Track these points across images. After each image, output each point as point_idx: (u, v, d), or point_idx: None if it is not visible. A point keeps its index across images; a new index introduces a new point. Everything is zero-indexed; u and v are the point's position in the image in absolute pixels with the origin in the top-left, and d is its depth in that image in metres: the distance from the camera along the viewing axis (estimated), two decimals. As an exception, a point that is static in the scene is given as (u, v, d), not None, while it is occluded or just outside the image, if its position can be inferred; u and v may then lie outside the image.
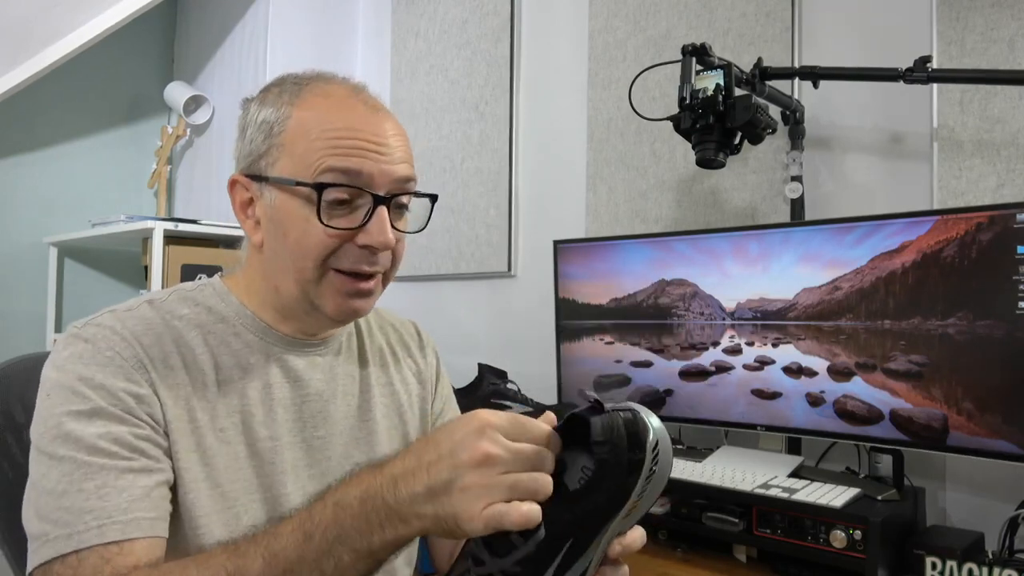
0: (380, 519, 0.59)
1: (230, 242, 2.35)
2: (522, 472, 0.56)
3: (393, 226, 0.78)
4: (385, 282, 0.83)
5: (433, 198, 0.86)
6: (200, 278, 0.87)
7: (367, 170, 0.75)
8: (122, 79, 2.76)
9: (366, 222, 0.76)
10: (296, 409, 0.82)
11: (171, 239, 2.19)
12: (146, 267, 2.27)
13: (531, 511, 0.55)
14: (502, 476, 0.56)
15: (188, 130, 2.68)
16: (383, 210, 0.77)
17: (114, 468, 0.67)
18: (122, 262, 2.70)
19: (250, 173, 0.80)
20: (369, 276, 0.79)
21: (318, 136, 0.76)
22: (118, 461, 0.67)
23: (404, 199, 0.81)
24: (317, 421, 0.83)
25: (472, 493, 0.56)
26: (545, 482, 0.57)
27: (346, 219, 0.76)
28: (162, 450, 0.71)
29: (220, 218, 2.31)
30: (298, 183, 0.75)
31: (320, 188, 0.74)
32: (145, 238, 2.26)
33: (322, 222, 0.75)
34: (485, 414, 0.58)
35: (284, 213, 0.77)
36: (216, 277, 0.86)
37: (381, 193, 0.77)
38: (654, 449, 0.59)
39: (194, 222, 2.25)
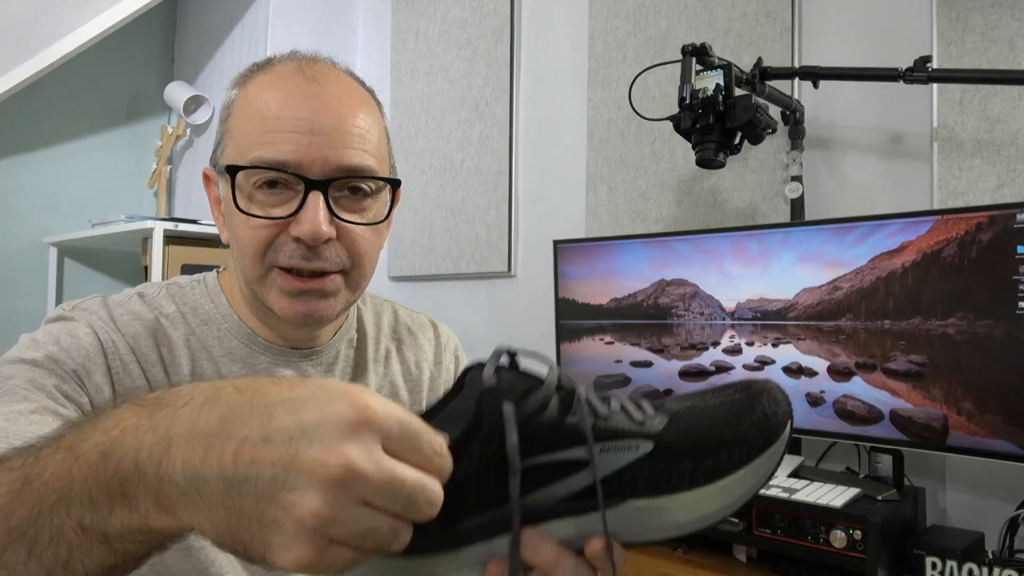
0: (122, 489, 0.37)
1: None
2: (384, 515, 0.36)
3: (340, 217, 0.69)
4: (350, 284, 0.72)
5: (394, 183, 0.74)
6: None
7: (295, 158, 0.66)
8: (122, 79, 2.76)
9: (298, 210, 0.67)
10: None
11: (171, 239, 2.19)
12: (146, 267, 2.27)
13: (359, 564, 0.37)
14: (358, 511, 0.35)
15: (188, 130, 2.68)
16: (316, 196, 0.66)
17: (11, 395, 0.61)
18: (122, 262, 2.70)
19: (212, 164, 0.75)
20: (319, 274, 0.69)
21: (251, 118, 0.69)
22: (27, 393, 0.62)
23: (365, 186, 0.70)
24: None
25: (304, 521, 0.34)
26: (402, 538, 0.37)
27: (281, 207, 0.67)
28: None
29: (220, 218, 2.31)
30: (225, 168, 0.68)
31: (233, 172, 0.67)
32: (145, 238, 2.26)
33: (239, 208, 0.67)
34: (369, 398, 0.36)
35: (228, 204, 0.70)
36: (213, 273, 0.82)
37: (315, 178, 0.67)
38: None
39: (194, 222, 2.25)
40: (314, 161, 0.67)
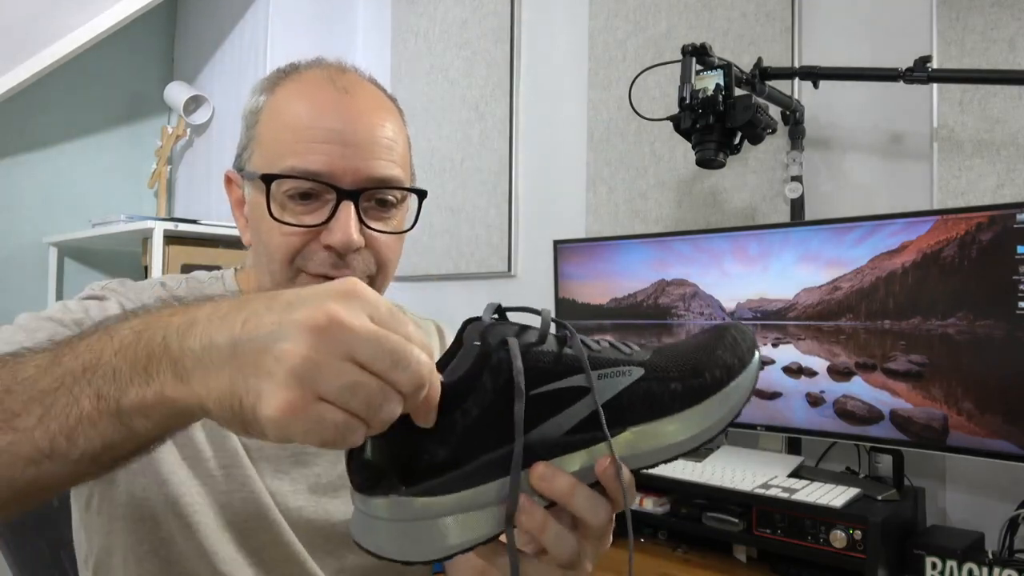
0: (147, 362, 0.41)
1: (230, 242, 2.35)
2: (371, 375, 0.38)
3: (369, 226, 0.71)
4: (375, 287, 0.74)
5: (421, 194, 0.76)
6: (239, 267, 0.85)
7: (328, 168, 0.68)
8: (122, 79, 2.76)
9: (329, 219, 0.69)
10: None
11: (171, 239, 2.19)
12: (146, 267, 2.27)
13: (347, 437, 0.38)
14: (342, 364, 0.37)
15: (188, 130, 2.68)
16: (348, 206, 0.69)
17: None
18: (122, 262, 2.70)
19: (237, 167, 0.77)
20: None
21: (283, 127, 0.71)
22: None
23: (391, 196, 0.73)
24: None
25: (293, 366, 0.37)
26: (391, 406, 0.38)
27: (312, 216, 0.69)
28: None
29: (220, 218, 2.31)
30: (260, 176, 0.70)
31: (268, 180, 0.68)
32: (145, 238, 2.26)
33: (272, 216, 0.69)
34: (360, 284, 0.40)
35: (256, 209, 0.72)
36: (231, 271, 0.83)
37: (347, 188, 0.69)
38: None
39: (194, 222, 2.25)
40: (346, 172, 0.69)
